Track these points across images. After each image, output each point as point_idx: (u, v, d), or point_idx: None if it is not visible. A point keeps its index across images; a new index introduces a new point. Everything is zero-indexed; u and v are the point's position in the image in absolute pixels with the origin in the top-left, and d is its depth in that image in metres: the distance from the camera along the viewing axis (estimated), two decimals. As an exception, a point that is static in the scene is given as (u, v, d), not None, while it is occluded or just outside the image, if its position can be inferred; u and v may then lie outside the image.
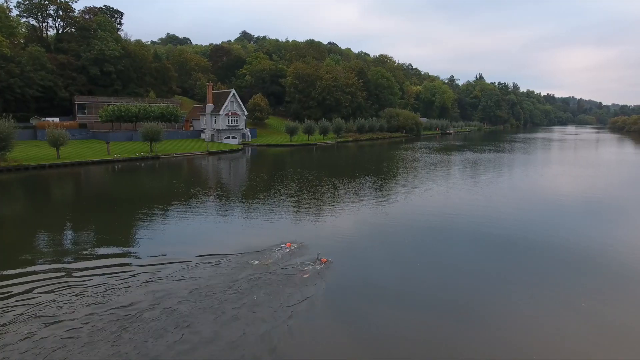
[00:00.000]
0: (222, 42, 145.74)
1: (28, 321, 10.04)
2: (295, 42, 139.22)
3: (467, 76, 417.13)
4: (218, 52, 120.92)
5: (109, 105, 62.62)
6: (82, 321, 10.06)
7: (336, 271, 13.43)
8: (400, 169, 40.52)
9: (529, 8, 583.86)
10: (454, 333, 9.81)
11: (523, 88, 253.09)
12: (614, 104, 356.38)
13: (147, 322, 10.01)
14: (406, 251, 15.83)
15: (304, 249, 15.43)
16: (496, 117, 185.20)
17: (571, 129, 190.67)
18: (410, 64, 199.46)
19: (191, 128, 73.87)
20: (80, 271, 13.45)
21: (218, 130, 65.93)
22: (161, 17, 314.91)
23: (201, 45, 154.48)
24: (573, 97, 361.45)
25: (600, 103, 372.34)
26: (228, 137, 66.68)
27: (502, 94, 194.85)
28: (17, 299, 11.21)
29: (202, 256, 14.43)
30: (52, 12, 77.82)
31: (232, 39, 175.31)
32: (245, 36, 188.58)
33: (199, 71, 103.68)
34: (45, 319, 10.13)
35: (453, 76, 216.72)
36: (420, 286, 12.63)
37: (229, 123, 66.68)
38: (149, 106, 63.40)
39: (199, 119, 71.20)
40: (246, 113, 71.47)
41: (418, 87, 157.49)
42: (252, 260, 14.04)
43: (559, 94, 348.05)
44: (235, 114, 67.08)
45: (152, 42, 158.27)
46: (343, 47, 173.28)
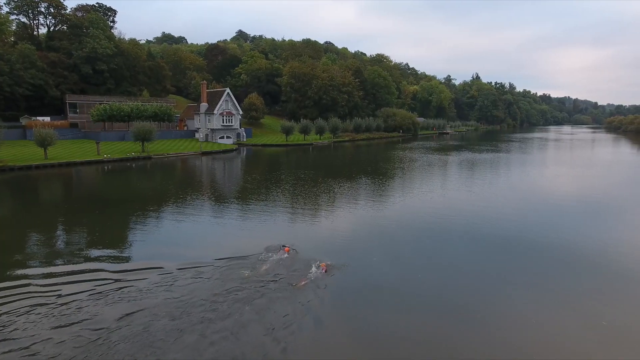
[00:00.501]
0: (218, 41, 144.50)
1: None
2: (291, 41, 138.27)
3: (464, 76, 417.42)
4: (213, 51, 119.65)
5: (101, 104, 61.40)
6: (39, 344, 8.84)
7: (336, 273, 12.98)
8: (397, 170, 39.69)
9: (527, 8, 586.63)
10: (454, 333, 9.74)
11: (519, 88, 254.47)
12: (610, 104, 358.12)
13: (113, 346, 8.88)
14: (405, 252, 15.53)
15: (302, 253, 14.68)
16: (493, 117, 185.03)
17: (567, 129, 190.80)
18: (406, 64, 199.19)
19: (185, 128, 72.76)
20: (46, 278, 12.42)
21: (212, 129, 64.86)
22: (159, 17, 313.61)
23: (197, 44, 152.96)
24: (569, 97, 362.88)
25: (595, 103, 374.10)
26: (223, 137, 65.62)
27: (499, 94, 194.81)
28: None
29: (185, 265, 13.41)
30: (44, 10, 76.47)
31: (229, 39, 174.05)
32: (241, 35, 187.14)
33: (194, 70, 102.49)
34: None
35: (450, 76, 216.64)
36: (420, 287, 12.47)
37: (224, 122, 65.61)
38: (142, 105, 62.26)
39: (193, 119, 70.11)
40: (241, 112, 70.44)
41: (415, 87, 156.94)
42: (245, 267, 13.11)
43: (555, 94, 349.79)
44: (229, 113, 66.02)
45: (148, 41, 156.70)
46: (340, 47, 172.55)
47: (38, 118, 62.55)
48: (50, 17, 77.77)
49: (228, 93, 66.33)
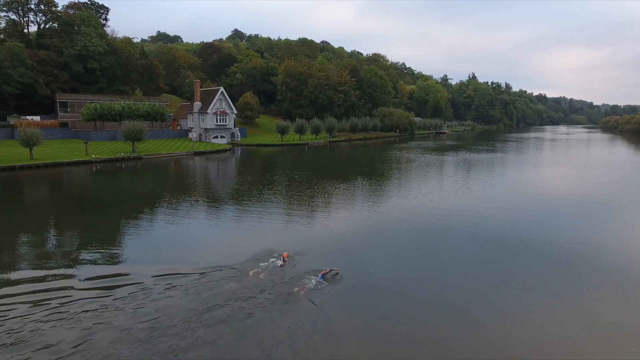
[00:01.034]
0: (214, 41, 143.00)
1: None
2: (287, 41, 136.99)
3: (460, 76, 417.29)
4: (208, 50, 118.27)
5: (92, 103, 60.02)
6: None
7: (335, 279, 12.45)
8: (395, 170, 38.75)
9: (524, 8, 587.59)
10: (454, 333, 9.66)
11: (515, 88, 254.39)
12: (605, 104, 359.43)
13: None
14: (405, 253, 15.32)
15: (300, 259, 13.83)
16: (489, 117, 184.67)
17: (563, 129, 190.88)
18: (403, 63, 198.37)
19: (178, 127, 71.50)
20: (2, 292, 11.19)
21: (206, 129, 63.65)
22: (156, 17, 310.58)
23: (192, 43, 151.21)
24: (564, 97, 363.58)
25: (591, 103, 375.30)
26: (216, 137, 64.42)
27: (495, 94, 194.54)
28: None
29: (162, 276, 12.30)
30: (34, 7, 74.92)
31: (224, 38, 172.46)
32: (237, 34, 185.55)
33: (188, 69, 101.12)
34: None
35: (446, 76, 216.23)
36: (419, 287, 12.32)
37: (218, 122, 64.41)
38: (134, 104, 60.94)
39: (187, 118, 68.85)
40: (235, 111, 69.24)
41: (412, 87, 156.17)
42: (232, 278, 12.05)
43: (551, 94, 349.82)
44: (223, 113, 64.81)
45: (143, 40, 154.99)
46: (336, 46, 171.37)
47: (27, 117, 61.17)
48: (40, 15, 76.23)
49: (222, 92, 65.13)
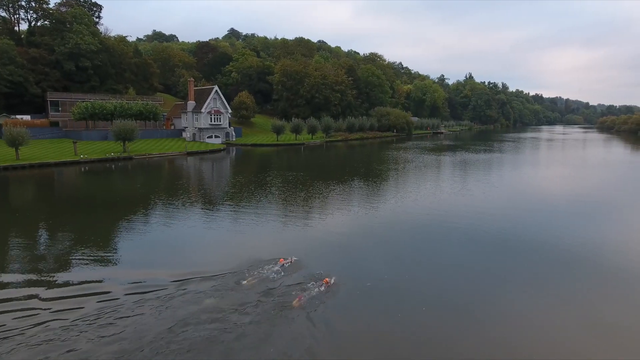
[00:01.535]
0: (210, 40, 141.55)
1: None
2: (284, 40, 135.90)
3: (457, 76, 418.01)
4: (204, 49, 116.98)
5: (83, 102, 58.74)
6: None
7: (337, 283, 11.97)
8: (393, 171, 37.86)
9: (521, 9, 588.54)
10: (454, 333, 9.61)
11: (512, 88, 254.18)
12: (600, 104, 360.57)
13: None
14: (404, 253, 15.13)
15: (299, 265, 13.05)
16: (486, 117, 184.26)
17: (560, 129, 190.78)
18: (400, 63, 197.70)
19: (172, 127, 70.31)
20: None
21: (200, 129, 62.52)
22: (153, 16, 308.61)
23: (188, 42, 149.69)
24: (560, 97, 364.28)
25: (587, 103, 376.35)
26: (211, 137, 63.31)
27: (492, 94, 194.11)
28: None
29: (135, 287, 11.30)
30: (24, 4, 73.53)
31: (221, 37, 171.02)
32: (233, 34, 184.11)
33: (183, 68, 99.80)
34: None
35: (443, 75, 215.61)
36: (419, 287, 12.20)
37: (212, 121, 63.28)
38: (127, 103, 59.71)
39: (180, 118, 67.66)
40: (230, 111, 68.13)
41: (409, 86, 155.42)
42: (218, 289, 11.09)
43: (547, 94, 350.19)
44: (218, 112, 63.69)
45: (138, 40, 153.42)
46: (333, 46, 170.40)
47: (17, 116, 59.84)
48: (31, 12, 74.87)
49: (216, 91, 64.02)
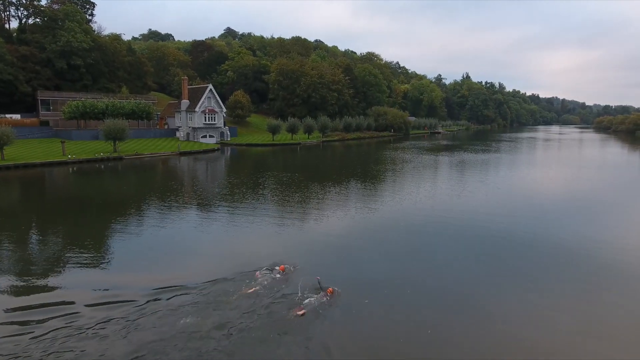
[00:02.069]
0: (206, 39, 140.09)
1: None
2: (280, 39, 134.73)
3: (454, 76, 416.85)
4: (199, 48, 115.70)
5: (74, 100, 57.45)
6: None
7: (341, 292, 11.47)
8: (391, 172, 36.93)
9: (519, 9, 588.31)
10: (455, 333, 9.60)
11: (509, 88, 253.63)
12: (596, 104, 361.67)
13: None
14: (405, 255, 14.94)
15: (300, 272, 12.33)
16: (483, 117, 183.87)
17: (557, 129, 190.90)
18: (397, 63, 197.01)
19: (166, 126, 69.10)
20: None
21: (194, 128, 61.37)
22: (149, 15, 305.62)
23: (184, 41, 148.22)
24: (557, 97, 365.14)
25: (583, 103, 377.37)
26: (205, 136, 62.15)
27: (489, 94, 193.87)
28: None
29: (105, 299, 10.28)
30: (15, 1, 72.11)
31: (217, 36, 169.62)
32: (229, 33, 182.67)
33: (178, 66, 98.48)
34: None
35: (440, 75, 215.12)
36: (419, 287, 12.15)
37: (206, 121, 62.12)
38: (119, 102, 58.50)
39: (174, 117, 66.47)
40: (225, 110, 66.99)
41: (406, 86, 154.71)
42: (225, 294, 10.27)
43: (543, 94, 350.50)
44: (212, 111, 62.53)
45: (134, 38, 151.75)
46: (330, 45, 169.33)
47: (7, 116, 58.53)
48: (22, 9, 73.45)
49: (210, 89, 62.88)
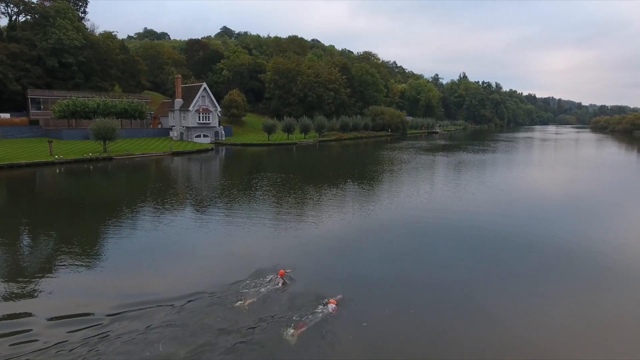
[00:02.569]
0: (202, 38, 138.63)
1: None
2: (277, 38, 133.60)
3: (451, 75, 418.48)
4: (194, 46, 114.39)
5: (65, 99, 56.10)
6: None
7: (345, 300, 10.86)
8: (389, 172, 35.96)
9: (517, 9, 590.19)
10: (454, 333, 9.52)
11: (506, 88, 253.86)
12: (592, 105, 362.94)
13: None
14: (405, 257, 14.72)
15: (299, 278, 11.66)
16: (480, 117, 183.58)
17: (554, 129, 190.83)
18: (394, 62, 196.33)
19: (159, 126, 67.86)
20: None
21: (188, 127, 60.17)
22: (145, 15, 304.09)
23: (179, 40, 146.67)
24: (553, 98, 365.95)
25: (579, 103, 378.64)
26: (199, 136, 60.96)
27: (486, 93, 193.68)
28: None
29: (68, 316, 9.23)
30: (5, -2, 70.47)
31: (213, 35, 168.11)
32: (225, 32, 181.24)
33: (173, 65, 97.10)
34: None
35: (437, 75, 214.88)
36: (419, 288, 12.10)
37: (200, 120, 60.93)
38: (111, 101, 57.22)
39: (168, 116, 65.24)
40: (220, 109, 65.80)
41: (403, 85, 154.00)
42: (220, 306, 9.49)
43: (540, 94, 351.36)
44: (206, 110, 61.35)
45: (129, 37, 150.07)
46: (327, 45, 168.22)
47: (-4, 115, 57.20)
48: (12, 6, 71.77)
49: (205, 88, 61.69)
